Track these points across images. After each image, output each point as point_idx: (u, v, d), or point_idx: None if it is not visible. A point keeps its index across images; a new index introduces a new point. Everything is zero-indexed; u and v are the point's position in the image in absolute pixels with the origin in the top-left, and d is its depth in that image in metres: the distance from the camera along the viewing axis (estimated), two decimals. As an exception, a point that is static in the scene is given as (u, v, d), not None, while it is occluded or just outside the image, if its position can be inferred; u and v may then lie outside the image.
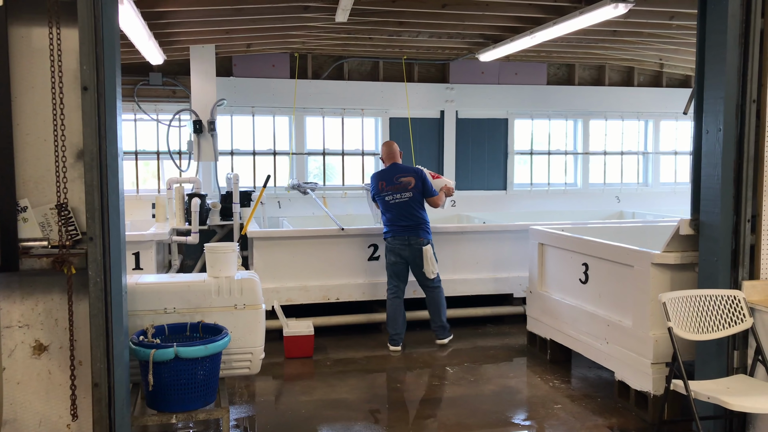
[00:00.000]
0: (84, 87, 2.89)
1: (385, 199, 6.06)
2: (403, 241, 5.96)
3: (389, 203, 6.04)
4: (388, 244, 6.08)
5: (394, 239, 6.00)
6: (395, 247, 6.00)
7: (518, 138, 8.81)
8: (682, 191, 8.92)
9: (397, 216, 6.00)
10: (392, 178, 6.07)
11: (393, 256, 6.04)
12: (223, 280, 4.05)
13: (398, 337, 6.01)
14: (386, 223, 6.08)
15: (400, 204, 6.01)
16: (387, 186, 6.06)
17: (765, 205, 3.87)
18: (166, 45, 6.47)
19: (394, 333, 6.01)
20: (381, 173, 6.18)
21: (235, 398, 4.83)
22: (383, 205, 6.10)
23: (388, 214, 6.05)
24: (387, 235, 6.07)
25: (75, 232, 2.97)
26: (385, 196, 6.05)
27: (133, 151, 7.70)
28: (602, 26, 6.02)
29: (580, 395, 4.87)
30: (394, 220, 6.01)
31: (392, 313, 6.05)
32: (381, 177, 6.14)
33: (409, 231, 5.96)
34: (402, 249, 5.97)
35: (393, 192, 6.03)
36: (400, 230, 5.97)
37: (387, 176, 6.12)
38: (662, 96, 9.04)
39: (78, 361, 3.05)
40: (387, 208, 6.06)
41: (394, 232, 6.00)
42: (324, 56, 8.08)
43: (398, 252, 5.99)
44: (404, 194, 6.01)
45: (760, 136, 3.85)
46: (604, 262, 4.92)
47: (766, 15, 3.80)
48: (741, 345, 3.87)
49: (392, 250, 6.03)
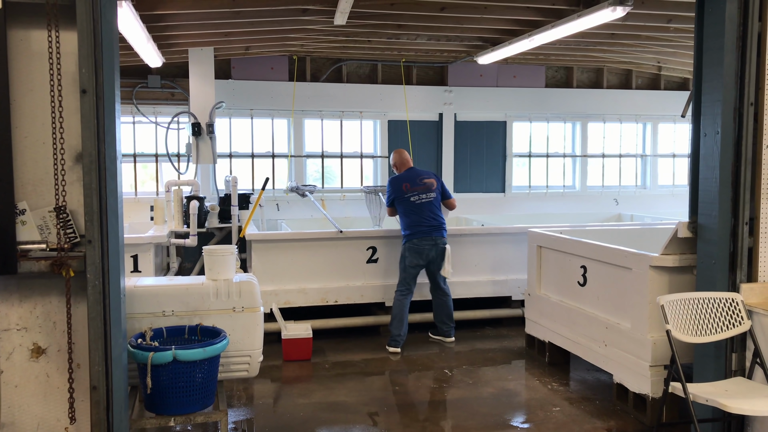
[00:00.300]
0: (83, 90, 2.89)
1: (410, 200, 6.11)
2: (430, 241, 6.04)
3: (414, 204, 6.10)
4: (412, 246, 6.06)
5: (421, 240, 6.03)
6: (423, 248, 6.03)
7: (516, 140, 8.81)
8: (680, 194, 8.94)
9: (423, 216, 6.07)
10: (416, 179, 6.20)
11: (417, 257, 6.06)
12: (222, 283, 4.05)
13: (401, 339, 6.03)
14: (410, 225, 6.08)
15: (425, 204, 6.11)
16: (412, 187, 6.15)
17: (763, 207, 3.88)
18: (164, 48, 6.47)
19: (398, 334, 6.02)
20: (402, 176, 6.26)
21: (233, 401, 4.83)
22: (407, 206, 6.12)
23: (413, 215, 6.08)
24: (411, 237, 6.07)
25: (73, 234, 2.97)
26: (410, 197, 6.12)
27: (132, 154, 7.70)
28: (600, 29, 6.04)
29: (579, 398, 4.88)
30: (420, 220, 6.06)
31: (400, 312, 6.05)
32: (404, 179, 6.22)
33: (436, 231, 6.08)
34: (429, 249, 6.04)
35: (419, 192, 6.14)
36: (427, 230, 6.05)
37: (410, 178, 6.22)
38: (660, 99, 9.05)
39: (76, 364, 3.05)
40: (412, 210, 6.10)
41: (421, 233, 6.04)
42: (323, 59, 8.09)
43: (425, 252, 6.04)
44: (429, 194, 6.15)
45: (757, 139, 3.86)
46: (603, 265, 4.92)
47: (763, 18, 3.82)
48: (739, 347, 3.87)
49: (418, 252, 6.05)
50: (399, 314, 6.05)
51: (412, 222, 6.08)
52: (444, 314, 6.29)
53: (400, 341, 6.02)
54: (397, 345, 6.01)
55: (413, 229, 6.07)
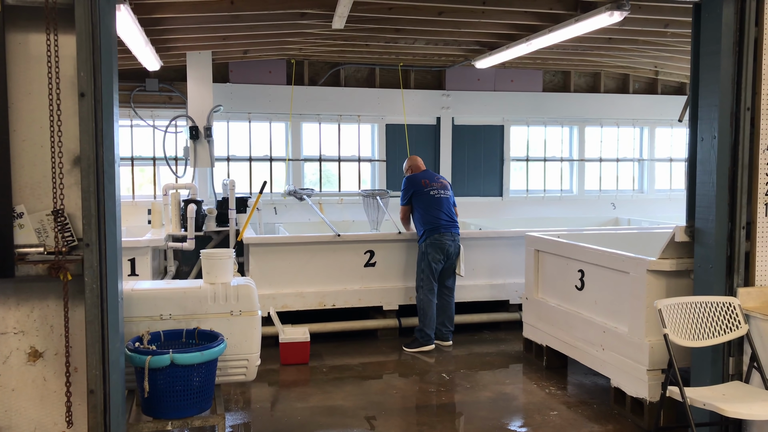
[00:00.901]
0: (81, 93, 2.90)
1: (431, 194, 6.25)
2: (450, 237, 6.16)
3: (435, 197, 6.24)
4: (434, 241, 6.12)
5: (443, 235, 6.13)
6: (445, 243, 6.13)
7: (514, 144, 8.82)
8: (678, 198, 8.96)
9: (443, 211, 6.21)
10: (433, 177, 6.43)
11: (439, 252, 6.14)
12: (219, 287, 4.05)
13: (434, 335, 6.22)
14: (430, 221, 6.17)
15: (443, 200, 6.27)
16: (430, 182, 6.33)
17: (759, 212, 3.89)
18: (162, 51, 6.47)
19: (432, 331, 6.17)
20: (420, 174, 6.44)
21: (230, 405, 4.82)
22: (427, 201, 6.22)
23: (433, 210, 6.19)
24: (432, 232, 6.13)
25: (71, 238, 2.97)
26: (431, 191, 6.27)
27: (129, 157, 7.69)
28: (597, 34, 6.05)
29: (576, 402, 4.88)
30: (441, 215, 6.18)
31: (432, 310, 6.17)
32: (422, 176, 6.40)
33: (454, 227, 6.24)
34: (450, 244, 6.15)
35: (437, 188, 6.31)
36: (447, 225, 6.18)
37: (428, 176, 6.42)
38: (657, 103, 9.08)
39: (73, 367, 3.04)
40: (432, 204, 6.22)
41: (443, 227, 6.15)
42: (321, 63, 8.10)
43: (446, 247, 6.13)
44: (446, 191, 6.36)
45: (754, 144, 3.88)
46: (600, 269, 4.93)
47: (759, 23, 3.83)
48: (736, 352, 3.88)
49: (440, 247, 6.13)
50: (431, 312, 6.16)
51: (433, 217, 6.18)
52: (445, 316, 6.32)
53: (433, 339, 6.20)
54: (431, 342, 6.18)
55: (434, 223, 6.16)
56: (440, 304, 6.32)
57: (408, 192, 6.38)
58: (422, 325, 6.18)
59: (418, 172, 6.51)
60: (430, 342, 6.16)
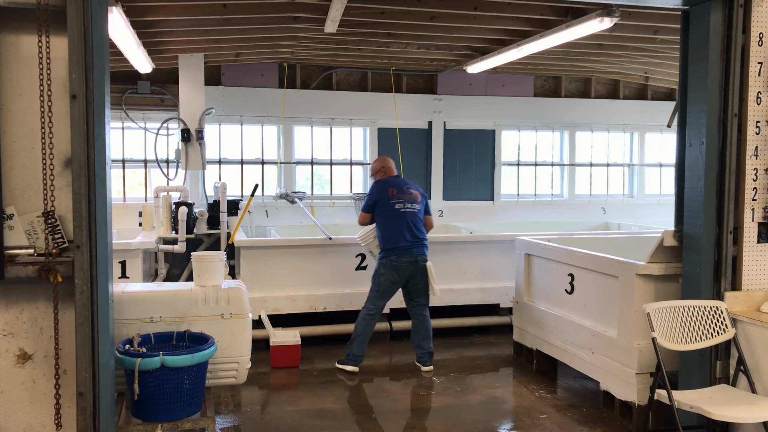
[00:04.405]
0: (72, 95, 2.90)
1: (395, 207, 5.59)
2: (410, 258, 5.56)
3: (398, 212, 5.58)
4: (391, 262, 5.55)
5: (400, 257, 5.54)
6: (401, 265, 5.55)
7: (505, 149, 8.86)
8: (667, 203, 9.00)
9: (405, 228, 5.58)
10: (403, 187, 5.73)
11: (394, 274, 5.57)
12: (210, 289, 4.05)
13: (360, 360, 5.65)
14: (389, 238, 5.57)
15: (408, 215, 5.61)
16: (398, 193, 5.66)
17: (746, 217, 3.93)
18: (154, 53, 6.47)
19: (359, 355, 5.62)
20: (389, 180, 5.78)
21: (221, 408, 4.81)
22: (390, 214, 5.59)
23: (393, 226, 5.57)
24: (390, 252, 5.55)
25: (62, 240, 2.96)
26: (395, 203, 5.61)
27: (121, 160, 7.67)
28: (588, 40, 6.10)
29: (566, 405, 4.90)
30: (401, 233, 5.56)
31: (364, 333, 5.63)
32: (391, 184, 5.73)
33: (416, 247, 5.60)
34: (408, 266, 5.56)
35: (405, 201, 5.64)
36: (409, 246, 5.56)
37: (397, 184, 5.74)
38: (647, 109, 9.15)
39: (63, 370, 3.03)
40: (394, 218, 5.58)
41: (401, 248, 5.54)
42: (313, 66, 8.11)
43: (403, 270, 5.56)
44: (414, 205, 5.66)
45: (741, 150, 3.92)
46: (590, 273, 4.96)
47: (747, 31, 3.88)
48: (723, 355, 3.92)
49: (396, 268, 5.55)
50: (363, 335, 5.60)
51: (392, 234, 5.56)
52: (420, 337, 5.73)
53: (360, 362, 5.64)
54: (357, 364, 5.62)
55: (394, 242, 5.55)
56: (414, 326, 5.77)
57: (372, 198, 5.69)
58: (350, 343, 5.67)
59: (388, 177, 5.84)
60: (354, 364, 5.60)
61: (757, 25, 3.87)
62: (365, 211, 5.77)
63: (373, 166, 6.04)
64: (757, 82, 3.89)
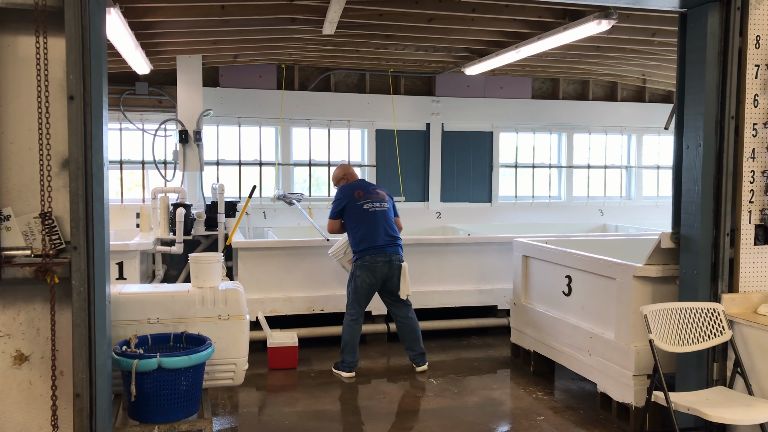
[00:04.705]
0: (70, 96, 2.89)
1: (363, 208, 5.57)
2: (385, 257, 5.51)
3: (368, 212, 5.56)
4: (365, 263, 5.49)
5: (374, 257, 5.48)
6: (377, 265, 5.48)
7: (503, 151, 8.87)
8: (665, 205, 9.02)
9: (377, 227, 5.54)
10: (368, 188, 5.76)
11: (369, 275, 5.51)
12: (208, 291, 4.04)
13: (355, 365, 5.60)
14: (362, 239, 5.51)
15: (378, 213, 5.59)
16: (365, 194, 5.65)
17: (743, 219, 3.94)
18: (153, 55, 6.47)
19: (351, 361, 5.56)
20: (353, 184, 5.79)
21: (218, 409, 4.80)
22: (359, 215, 5.55)
23: (365, 226, 5.52)
24: (364, 253, 5.49)
25: (59, 241, 2.96)
26: (364, 204, 5.59)
27: (118, 161, 7.66)
28: (586, 42, 6.11)
29: (563, 407, 4.90)
30: (374, 232, 5.51)
31: (352, 340, 5.56)
32: (356, 187, 5.72)
33: (391, 246, 5.56)
34: (383, 266, 5.50)
35: (372, 200, 5.63)
36: (383, 245, 5.52)
37: (362, 186, 5.76)
38: (645, 111, 9.16)
39: (59, 371, 3.03)
40: (365, 218, 5.55)
41: (376, 248, 5.49)
42: (311, 68, 8.11)
43: (378, 270, 5.50)
44: (383, 204, 5.67)
45: (738, 152, 3.93)
46: (587, 275, 4.96)
47: (744, 33, 3.89)
48: (720, 357, 3.93)
49: (371, 269, 5.49)
50: (351, 341, 5.55)
51: (365, 235, 5.50)
52: (409, 340, 5.68)
53: (355, 366, 5.59)
54: (352, 370, 5.57)
55: (366, 243, 5.49)
56: (400, 330, 5.73)
57: (339, 204, 5.65)
58: (341, 351, 5.61)
59: (351, 182, 5.84)
60: (349, 370, 5.55)
61: (754, 28, 3.89)
62: (333, 217, 5.74)
63: (336, 174, 6.05)
64: (754, 84, 3.90)
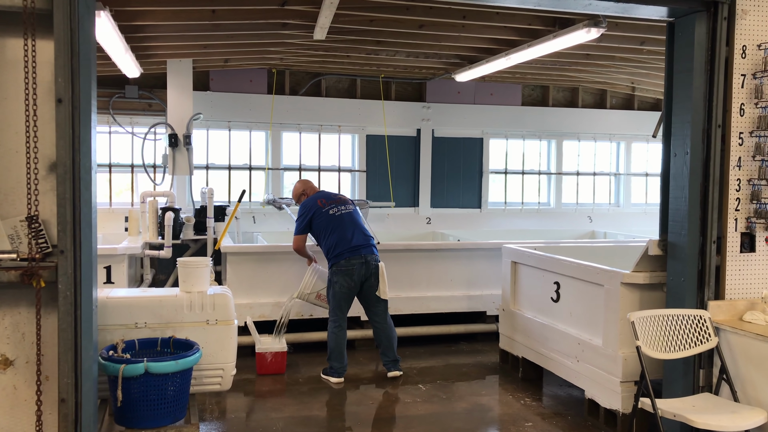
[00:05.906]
0: (58, 99, 2.87)
1: (329, 213, 5.60)
2: (360, 259, 5.49)
3: (335, 216, 5.59)
4: (341, 268, 5.48)
5: (349, 260, 5.46)
6: (353, 267, 5.46)
7: (493, 157, 8.91)
8: (653, 212, 9.04)
9: (347, 229, 5.55)
10: (330, 194, 5.87)
11: (348, 279, 5.48)
12: (196, 295, 4.03)
13: (343, 370, 5.58)
14: (334, 245, 5.51)
15: (346, 216, 5.62)
16: (328, 201, 5.70)
17: (730, 227, 3.97)
18: (143, 58, 6.45)
19: (340, 366, 5.55)
20: (315, 195, 5.84)
21: (205, 415, 4.77)
22: (327, 221, 5.57)
23: (335, 232, 5.54)
24: (339, 258, 5.48)
25: (45, 245, 2.94)
26: (329, 209, 5.62)
27: (107, 164, 7.62)
28: (576, 50, 6.15)
29: (551, 413, 4.91)
30: (344, 236, 5.51)
31: (338, 346, 5.54)
32: (317, 197, 5.78)
33: (364, 248, 5.55)
34: (360, 267, 5.48)
35: (336, 205, 5.67)
36: (356, 247, 5.51)
37: (324, 195, 5.84)
38: (634, 118, 9.23)
39: (45, 376, 3.00)
40: (333, 223, 5.56)
41: (350, 250, 5.48)
42: (302, 73, 8.12)
43: (355, 272, 5.48)
44: (348, 206, 5.72)
45: (725, 160, 3.97)
46: (576, 281, 4.98)
47: (730, 43, 3.94)
48: (706, 364, 3.95)
49: (348, 273, 5.47)
50: (337, 348, 5.53)
51: (338, 239, 5.51)
52: (384, 344, 5.67)
53: (343, 372, 5.58)
54: (340, 375, 5.55)
55: (339, 247, 5.49)
56: (375, 334, 5.73)
57: (305, 218, 5.65)
58: (328, 358, 5.61)
59: (311, 195, 5.87)
60: (337, 376, 5.53)
61: (741, 38, 3.93)
62: (299, 233, 5.73)
63: (296, 190, 6.10)
64: (741, 93, 3.94)
